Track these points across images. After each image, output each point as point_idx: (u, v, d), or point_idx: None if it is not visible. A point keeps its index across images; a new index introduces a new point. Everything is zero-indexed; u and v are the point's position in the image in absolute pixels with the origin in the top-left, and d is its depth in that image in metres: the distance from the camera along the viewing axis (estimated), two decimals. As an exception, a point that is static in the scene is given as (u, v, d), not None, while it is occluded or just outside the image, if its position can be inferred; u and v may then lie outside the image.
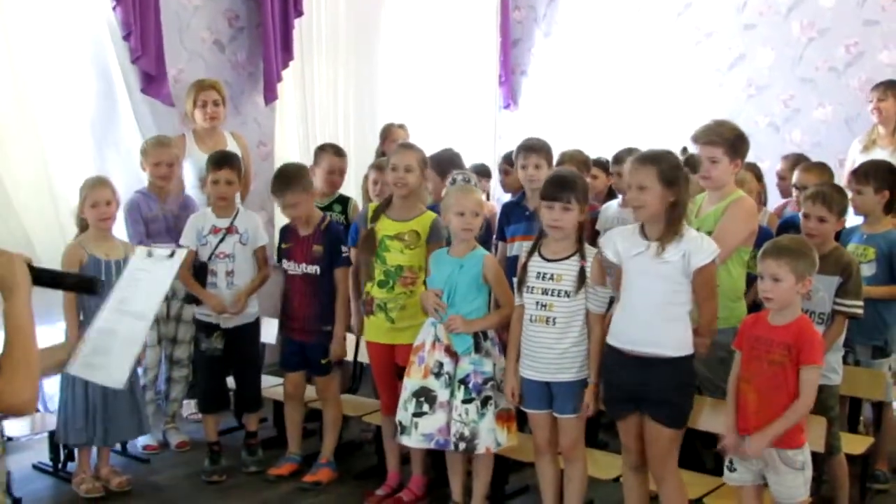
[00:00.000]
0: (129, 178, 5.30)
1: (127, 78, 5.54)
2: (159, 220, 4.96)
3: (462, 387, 3.85)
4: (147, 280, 2.42)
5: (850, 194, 4.33)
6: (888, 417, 4.47)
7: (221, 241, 4.64)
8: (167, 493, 4.51)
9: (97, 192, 4.37)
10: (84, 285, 2.34)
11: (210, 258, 4.63)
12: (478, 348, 3.87)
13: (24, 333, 1.98)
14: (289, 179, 4.46)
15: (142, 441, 4.93)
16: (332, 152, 5.23)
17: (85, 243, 4.38)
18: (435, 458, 4.33)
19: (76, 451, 4.54)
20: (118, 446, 4.79)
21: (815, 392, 3.23)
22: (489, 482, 4.05)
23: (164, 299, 2.93)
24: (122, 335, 2.34)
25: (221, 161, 4.72)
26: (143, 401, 4.63)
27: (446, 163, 4.99)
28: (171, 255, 2.49)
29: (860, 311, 3.85)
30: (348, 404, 4.83)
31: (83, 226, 4.43)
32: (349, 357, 4.86)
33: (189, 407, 5.45)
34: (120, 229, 4.85)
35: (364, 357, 4.76)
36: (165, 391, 5.13)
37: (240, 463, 4.76)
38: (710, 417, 3.67)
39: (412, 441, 3.94)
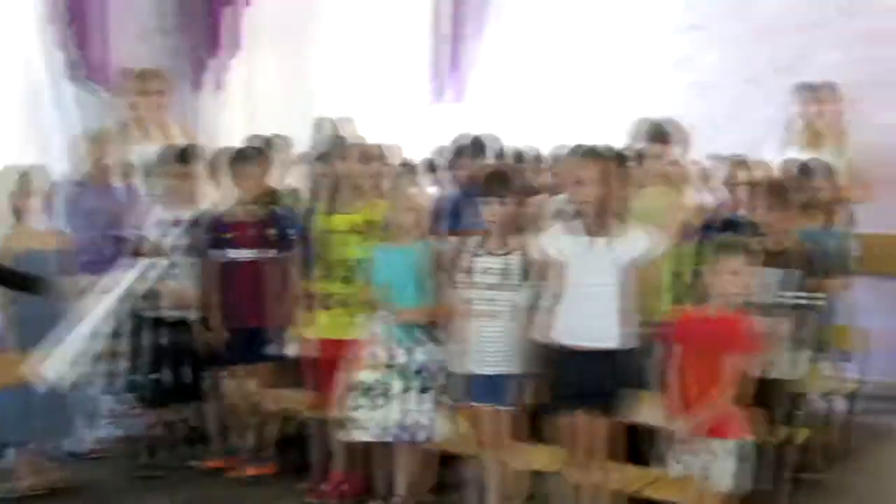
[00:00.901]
0: (63, 169, 5.10)
1: (54, 66, 5.38)
2: (101, 211, 4.86)
3: (416, 377, 3.87)
4: (124, 293, 2.34)
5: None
6: (824, 410, 4.57)
7: (182, 232, 4.56)
8: (104, 489, 4.46)
9: (22, 184, 4.27)
10: (30, 286, 2.23)
11: (171, 250, 4.54)
12: (429, 337, 3.88)
13: None
14: (254, 152, 4.65)
15: (78, 437, 4.82)
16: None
17: (16, 235, 4.23)
18: (375, 452, 4.31)
19: (13, 449, 4.43)
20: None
21: (738, 380, 3.29)
22: (435, 473, 4.07)
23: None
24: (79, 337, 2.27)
25: (183, 155, 4.67)
26: (80, 397, 4.52)
27: None
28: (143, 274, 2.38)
29: (823, 304, 3.93)
30: (287, 398, 4.77)
31: (15, 217, 4.29)
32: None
33: (126, 401, 5.34)
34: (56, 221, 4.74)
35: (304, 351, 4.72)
36: (103, 386, 5.02)
37: (178, 457, 4.71)
38: (648, 410, 3.69)
39: (367, 435, 3.94)
